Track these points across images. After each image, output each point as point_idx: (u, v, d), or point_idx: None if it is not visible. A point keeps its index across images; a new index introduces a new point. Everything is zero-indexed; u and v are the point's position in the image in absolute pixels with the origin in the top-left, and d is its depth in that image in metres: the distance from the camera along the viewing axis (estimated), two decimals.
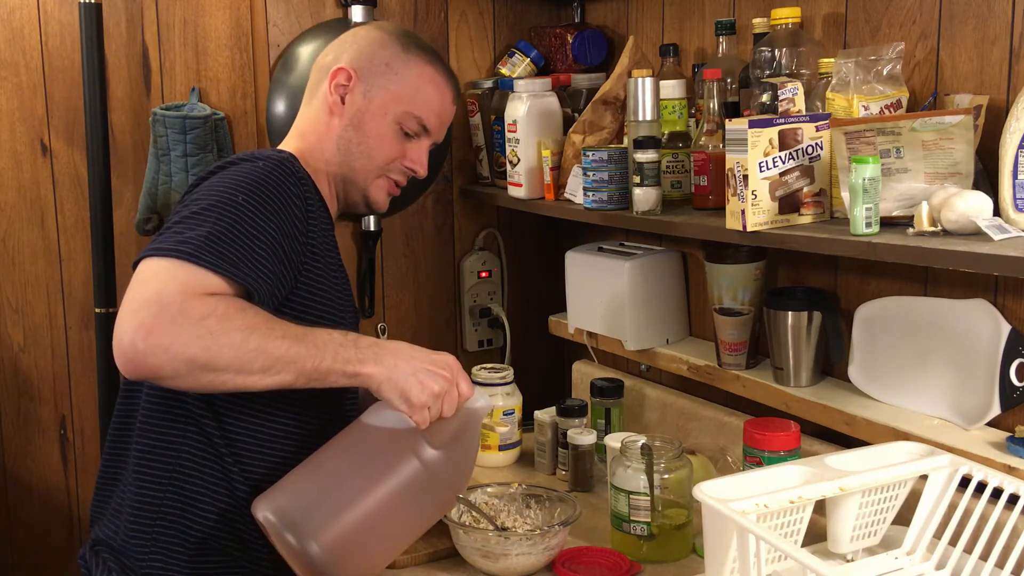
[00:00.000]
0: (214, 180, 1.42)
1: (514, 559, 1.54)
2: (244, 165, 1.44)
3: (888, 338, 1.64)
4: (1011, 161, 1.37)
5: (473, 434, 1.44)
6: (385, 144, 1.60)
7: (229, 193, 1.37)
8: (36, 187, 2.10)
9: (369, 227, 2.28)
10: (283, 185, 1.42)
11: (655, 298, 2.06)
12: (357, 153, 1.59)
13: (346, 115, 1.59)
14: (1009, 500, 1.32)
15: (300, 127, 1.64)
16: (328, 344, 1.33)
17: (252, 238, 1.35)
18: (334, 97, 1.59)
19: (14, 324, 2.13)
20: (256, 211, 1.37)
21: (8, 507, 2.14)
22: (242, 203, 1.36)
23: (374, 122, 1.59)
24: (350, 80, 1.58)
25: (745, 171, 1.53)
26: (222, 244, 1.31)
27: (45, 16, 2.07)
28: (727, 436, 1.90)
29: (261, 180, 1.41)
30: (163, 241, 1.31)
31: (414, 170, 1.64)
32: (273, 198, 1.40)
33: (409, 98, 1.60)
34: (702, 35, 2.03)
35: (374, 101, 1.59)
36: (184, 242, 1.29)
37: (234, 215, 1.35)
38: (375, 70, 1.59)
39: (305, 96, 1.66)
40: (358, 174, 1.60)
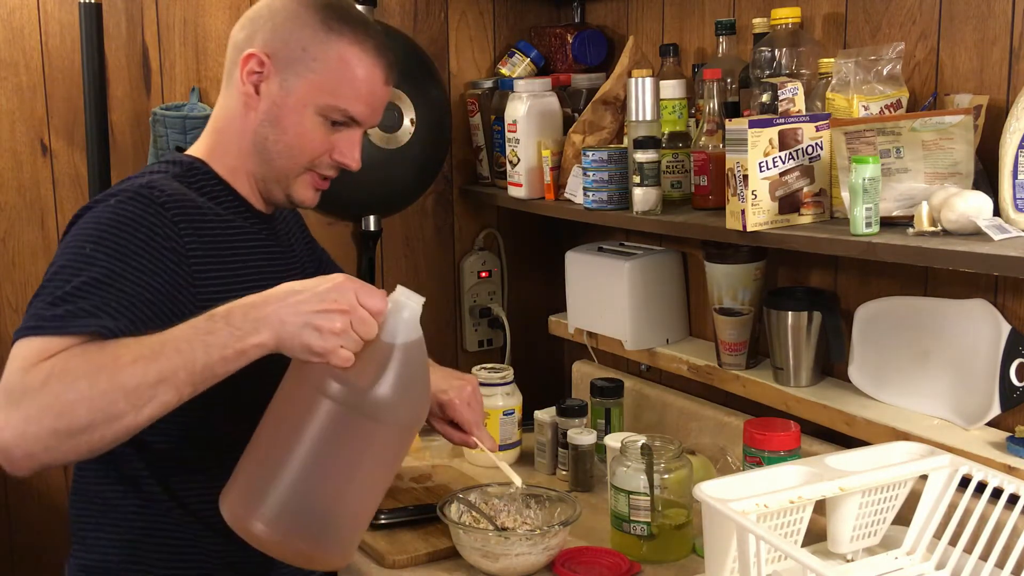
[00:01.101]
0: (68, 235, 1.31)
1: (514, 559, 1.54)
2: (97, 208, 1.31)
3: (888, 338, 1.64)
4: (1011, 161, 1.37)
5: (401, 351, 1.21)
6: (308, 140, 1.42)
7: (76, 247, 1.27)
8: (36, 187, 2.10)
9: (369, 227, 2.28)
10: (139, 220, 1.29)
11: (655, 298, 2.06)
12: (275, 152, 1.42)
13: (261, 108, 1.41)
14: (1009, 500, 1.32)
15: (216, 118, 1.47)
16: (193, 339, 1.16)
17: (103, 287, 1.23)
18: (247, 87, 1.41)
19: (14, 324, 2.12)
20: (106, 258, 1.25)
21: (8, 507, 2.14)
22: (90, 254, 1.25)
23: (294, 116, 1.41)
24: (263, 67, 1.40)
25: (745, 171, 1.53)
26: (67, 303, 1.20)
27: (45, 16, 2.07)
28: (727, 436, 1.89)
29: (111, 223, 1.28)
30: (23, 320, 1.22)
31: (344, 164, 1.46)
32: (125, 238, 1.27)
33: (332, 87, 1.40)
34: (702, 35, 2.03)
35: (292, 92, 1.40)
36: (31, 318, 1.21)
37: (83, 271, 1.23)
38: (291, 55, 1.40)
39: (223, 77, 1.48)
40: (279, 173, 1.44)
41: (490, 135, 2.30)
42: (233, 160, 1.45)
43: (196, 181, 1.42)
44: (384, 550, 1.64)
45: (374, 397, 1.19)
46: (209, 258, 1.36)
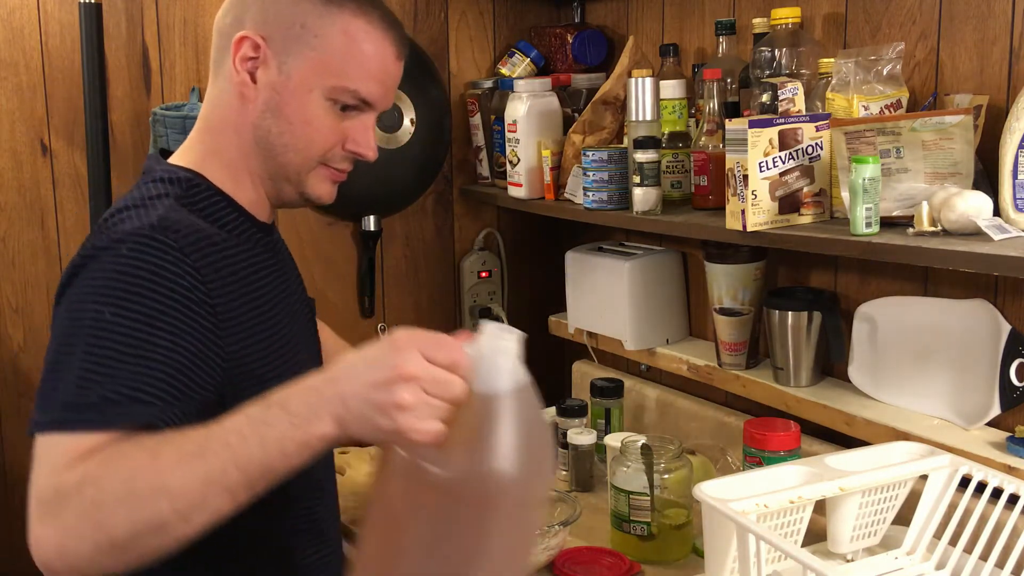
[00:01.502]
0: (75, 293, 1.12)
1: None
2: (104, 259, 1.12)
3: (888, 338, 1.64)
4: (1011, 161, 1.37)
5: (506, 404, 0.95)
6: (316, 129, 1.25)
7: (92, 311, 1.09)
8: (36, 187, 2.10)
9: (369, 227, 2.27)
10: (160, 272, 1.11)
11: (655, 298, 2.05)
12: (281, 146, 1.25)
13: (260, 98, 1.24)
14: (1009, 500, 1.32)
15: (207, 116, 1.30)
16: (246, 431, 0.99)
17: (135, 361, 1.07)
18: (242, 75, 1.24)
19: (14, 324, 2.13)
20: (131, 323, 1.08)
21: (8, 507, 2.14)
22: (112, 320, 1.08)
23: (297, 103, 1.24)
24: (258, 51, 1.23)
25: (745, 171, 1.53)
26: (94, 384, 1.05)
27: (45, 16, 2.07)
28: (727, 436, 1.89)
29: (129, 279, 1.10)
30: (37, 406, 1.08)
31: (360, 153, 1.30)
32: (149, 296, 1.10)
33: (338, 66, 1.23)
34: (702, 35, 2.03)
35: (293, 76, 1.23)
36: (51, 406, 1.06)
37: (107, 341, 1.07)
38: (289, 34, 1.23)
39: (211, 71, 1.30)
40: (287, 170, 1.27)
41: (490, 135, 2.30)
42: (233, 163, 1.28)
43: (198, 202, 1.25)
44: None
45: (481, 468, 0.94)
46: (232, 301, 1.20)
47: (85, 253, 1.14)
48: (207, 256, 1.17)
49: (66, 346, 1.09)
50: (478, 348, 0.97)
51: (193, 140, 1.32)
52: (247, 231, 1.29)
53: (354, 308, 2.33)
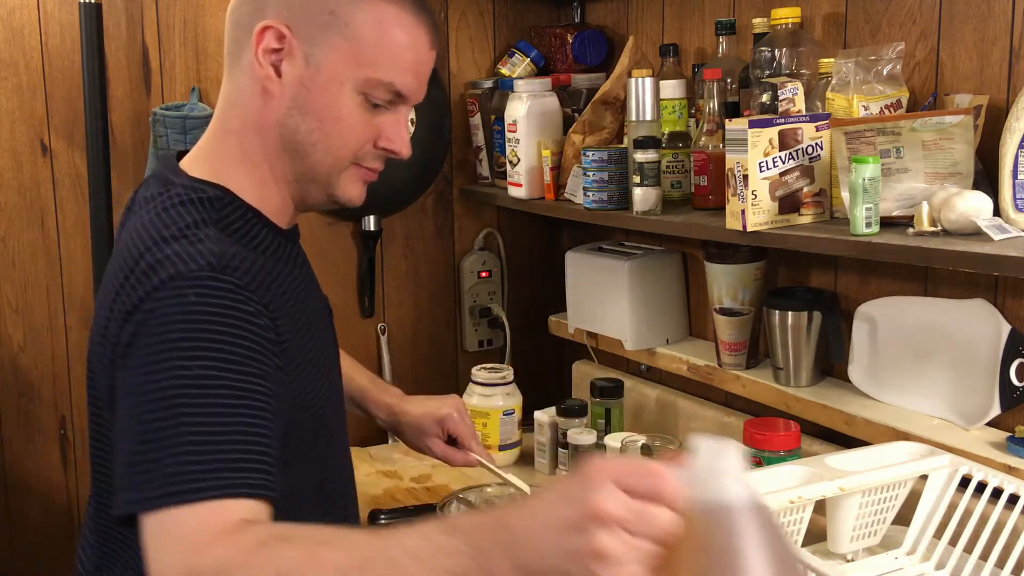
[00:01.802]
0: (144, 349, 1.01)
1: None
2: (168, 308, 1.02)
3: (888, 338, 1.64)
4: (1011, 161, 1.37)
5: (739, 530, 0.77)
6: (347, 126, 1.16)
7: (180, 367, 0.99)
8: (36, 187, 2.10)
9: (369, 227, 2.27)
10: (235, 311, 1.03)
11: (655, 298, 2.05)
12: (310, 145, 1.15)
13: (286, 93, 1.14)
14: (1009, 500, 1.32)
15: (224, 116, 1.18)
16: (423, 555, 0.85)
17: (240, 418, 0.99)
18: (265, 69, 1.13)
19: (14, 324, 2.13)
20: (226, 374, 1.00)
21: (8, 507, 2.14)
22: (202, 374, 0.99)
23: (327, 98, 1.14)
24: (283, 41, 1.12)
25: (745, 171, 1.53)
26: (203, 454, 0.96)
27: (45, 16, 2.07)
28: (727, 436, 1.89)
29: (208, 325, 1.01)
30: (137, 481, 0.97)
31: (394, 151, 1.20)
32: (234, 340, 1.02)
33: (371, 57, 1.14)
34: (702, 35, 2.03)
35: (322, 68, 1.13)
36: (158, 479, 0.96)
37: (204, 399, 0.98)
38: (317, 22, 1.12)
39: (225, 67, 1.19)
40: (317, 171, 1.18)
41: (490, 135, 2.30)
42: (257, 168, 1.17)
43: (232, 223, 1.15)
44: None
45: None
46: (290, 334, 1.13)
47: (136, 300, 1.03)
48: (268, 290, 1.10)
49: (156, 411, 0.98)
50: (693, 469, 0.80)
51: (210, 144, 1.21)
52: (278, 247, 1.21)
53: (354, 308, 2.33)
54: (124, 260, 1.10)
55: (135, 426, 1.00)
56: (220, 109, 1.20)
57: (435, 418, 1.57)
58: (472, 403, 2.01)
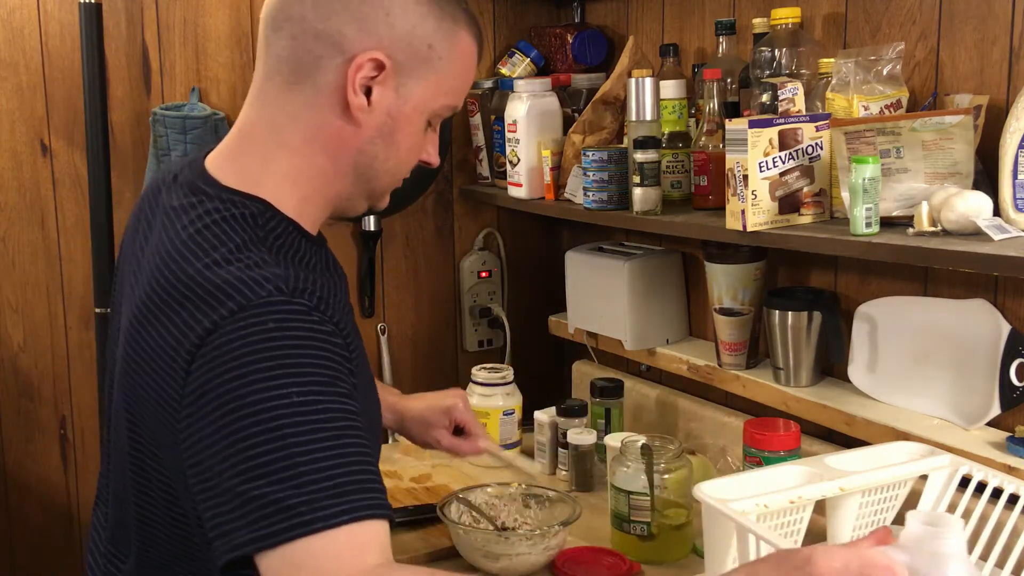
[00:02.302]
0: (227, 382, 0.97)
1: (514, 559, 1.54)
2: (248, 336, 0.97)
3: (888, 338, 1.64)
4: (1011, 161, 1.37)
5: None
6: (416, 151, 1.18)
7: (276, 395, 0.95)
8: (36, 187, 2.10)
9: (369, 227, 2.27)
10: (316, 335, 1.01)
11: (655, 298, 2.05)
12: (382, 171, 1.16)
13: (373, 122, 1.11)
14: (1009, 500, 1.32)
15: (280, 129, 1.12)
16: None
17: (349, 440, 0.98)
18: (359, 98, 1.09)
19: (14, 324, 2.13)
20: (327, 398, 0.98)
21: (8, 507, 2.14)
22: (299, 400, 0.96)
23: (409, 128, 1.14)
24: (381, 71, 1.09)
25: (745, 171, 1.53)
26: (341, 474, 0.95)
27: (45, 16, 2.07)
28: (727, 436, 1.90)
29: (297, 351, 0.98)
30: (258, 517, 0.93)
31: (430, 162, 1.23)
32: (324, 363, 1.00)
33: (451, 88, 1.15)
34: (702, 35, 2.03)
35: (410, 99, 1.12)
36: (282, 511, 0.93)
37: (306, 422, 0.95)
38: (415, 54, 1.11)
39: (279, 74, 1.11)
40: (376, 192, 1.19)
41: (490, 135, 2.30)
42: (313, 187, 1.14)
43: (275, 240, 1.09)
44: None
45: None
46: (355, 348, 1.10)
47: (203, 333, 0.99)
48: (334, 308, 1.06)
49: (259, 444, 0.95)
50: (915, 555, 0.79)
51: (250, 153, 1.14)
52: (318, 258, 1.16)
53: (354, 308, 2.33)
54: (166, 280, 1.05)
55: (238, 464, 0.95)
56: (270, 116, 1.13)
57: (441, 409, 1.59)
58: (472, 403, 2.01)
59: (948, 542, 0.80)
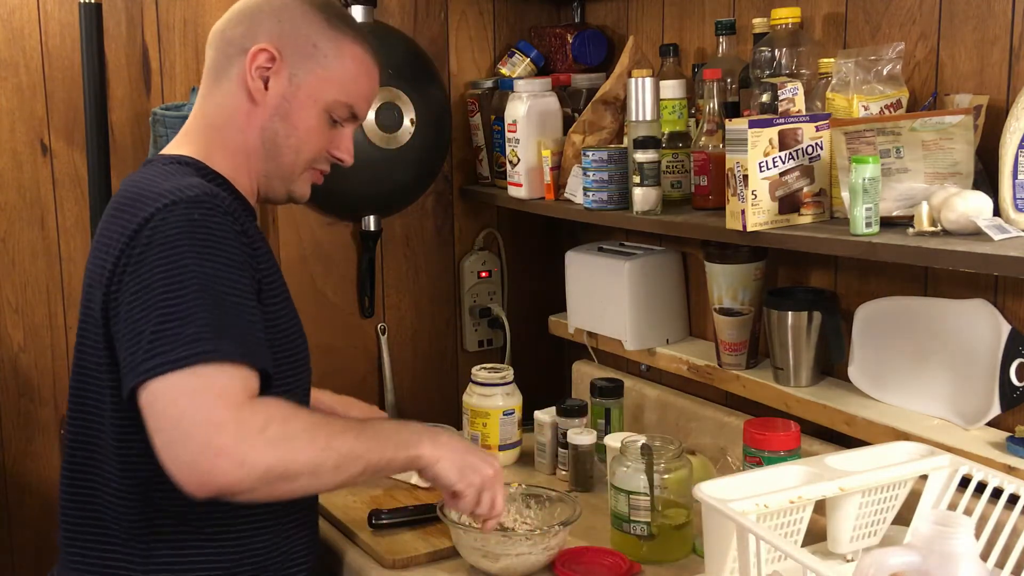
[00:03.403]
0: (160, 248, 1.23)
1: (514, 559, 1.54)
2: (178, 220, 1.24)
3: (888, 338, 1.64)
4: (1011, 161, 1.37)
5: None
6: (314, 136, 1.44)
7: (193, 262, 1.22)
8: (36, 187, 2.10)
9: (369, 227, 2.27)
10: (227, 231, 1.26)
11: (655, 298, 2.05)
12: (285, 147, 1.43)
13: (270, 103, 1.41)
14: (1009, 500, 1.32)
15: (210, 115, 1.44)
16: (385, 432, 1.32)
17: (239, 310, 1.23)
18: (256, 82, 1.40)
19: (14, 324, 2.13)
20: (225, 276, 1.23)
21: (8, 507, 2.14)
22: (210, 272, 1.22)
23: (303, 112, 1.42)
24: (273, 62, 1.40)
25: (745, 171, 1.53)
26: (224, 328, 1.19)
27: (45, 16, 2.07)
28: (727, 436, 1.89)
29: (212, 236, 1.24)
30: (160, 350, 1.16)
31: (341, 159, 1.50)
32: (228, 252, 1.25)
33: (340, 84, 1.43)
34: (702, 35, 2.03)
35: (302, 88, 1.41)
36: (184, 345, 1.16)
37: (213, 289, 1.21)
38: (301, 50, 1.41)
39: (208, 75, 1.45)
40: (284, 169, 1.45)
41: (490, 135, 2.30)
42: (235, 157, 1.43)
43: (208, 180, 1.38)
44: (384, 550, 1.64)
45: None
46: (262, 271, 1.35)
47: (142, 220, 1.24)
48: (249, 234, 1.32)
49: (174, 299, 1.19)
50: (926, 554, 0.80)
51: (191, 135, 1.45)
52: (247, 215, 1.42)
53: (354, 308, 2.33)
54: (117, 209, 1.32)
55: (154, 312, 1.18)
56: (205, 108, 1.45)
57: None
58: (472, 403, 2.01)
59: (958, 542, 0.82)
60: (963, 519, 0.84)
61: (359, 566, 1.65)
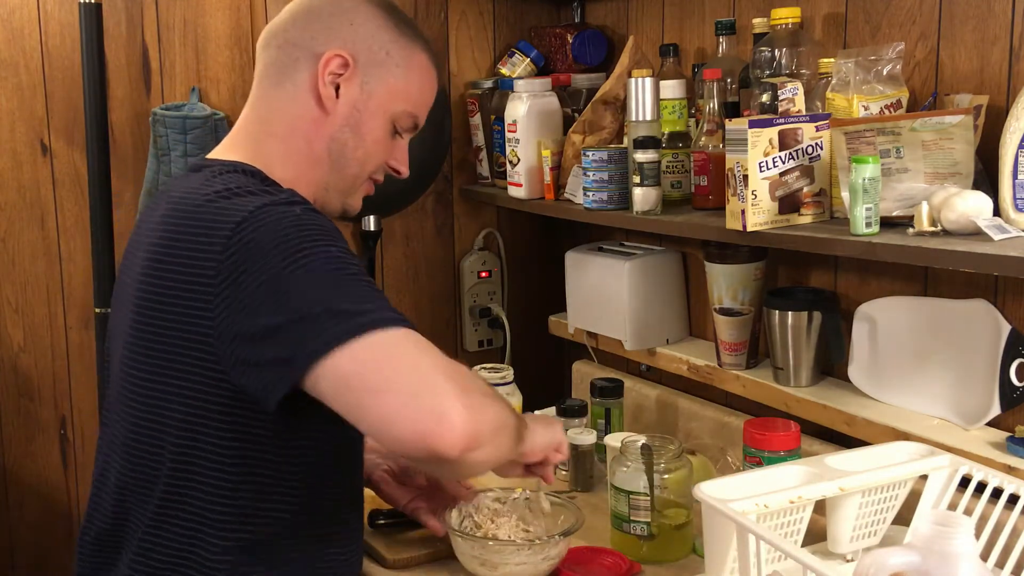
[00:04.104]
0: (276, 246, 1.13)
1: (513, 568, 1.52)
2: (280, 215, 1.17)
3: (888, 338, 1.64)
4: (1011, 161, 1.37)
5: None
6: (380, 147, 1.39)
7: (323, 250, 1.15)
8: (36, 187, 2.10)
9: (369, 227, 2.27)
10: (331, 225, 1.22)
11: (655, 298, 2.05)
12: (352, 159, 1.37)
13: (341, 112, 1.34)
14: (1009, 500, 1.32)
15: (269, 121, 1.35)
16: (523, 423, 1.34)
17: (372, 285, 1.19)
18: (328, 89, 1.32)
19: (14, 324, 2.13)
20: (349, 260, 1.17)
21: (8, 507, 2.14)
22: (337, 255, 1.16)
23: (372, 122, 1.36)
24: (346, 68, 1.33)
25: (745, 171, 1.53)
26: (386, 301, 1.16)
27: (45, 16, 2.07)
28: (727, 436, 1.89)
29: (321, 227, 1.18)
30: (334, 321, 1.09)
31: (399, 170, 1.46)
32: (341, 242, 1.20)
33: (407, 94, 1.38)
34: (702, 35, 2.03)
35: (373, 96, 1.35)
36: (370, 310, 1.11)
37: (354, 269, 1.16)
38: (374, 58, 1.34)
39: (267, 77, 1.36)
40: (347, 182, 1.39)
41: (490, 135, 2.30)
42: (297, 168, 1.34)
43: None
44: (385, 550, 1.64)
45: None
46: None
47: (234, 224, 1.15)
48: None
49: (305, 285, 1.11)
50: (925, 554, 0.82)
51: (245, 141, 1.36)
52: None
53: None
54: (180, 216, 1.22)
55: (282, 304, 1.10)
56: (263, 114, 1.36)
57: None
58: None
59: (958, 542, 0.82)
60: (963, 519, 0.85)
61: None
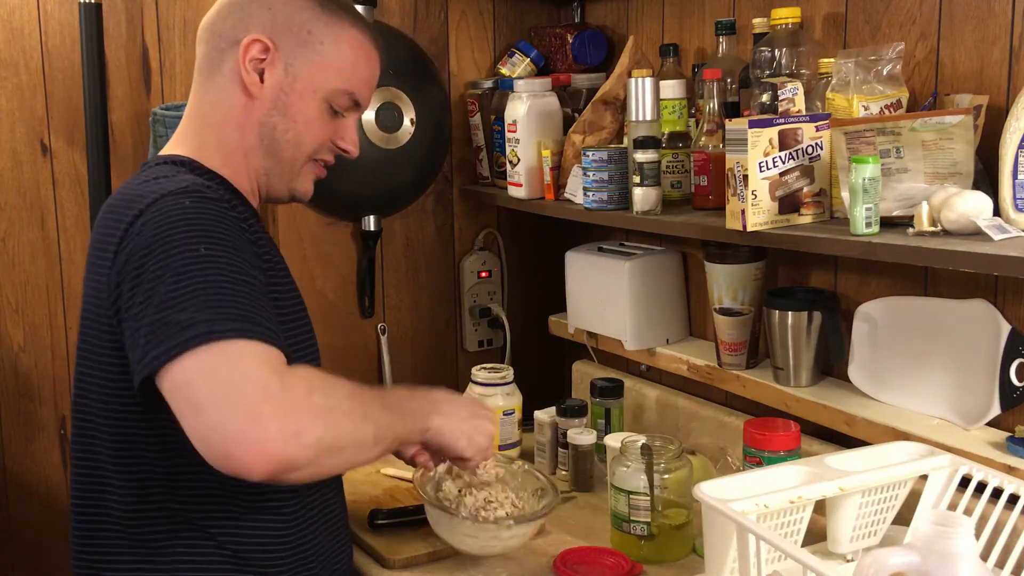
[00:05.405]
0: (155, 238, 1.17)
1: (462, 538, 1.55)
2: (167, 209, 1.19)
3: (888, 338, 1.64)
4: (1011, 161, 1.37)
5: None
6: (315, 128, 1.38)
7: (187, 248, 1.15)
8: (36, 187, 2.10)
9: (369, 227, 2.27)
10: (220, 217, 1.21)
11: (655, 298, 2.05)
12: (284, 142, 1.37)
13: (267, 96, 1.34)
14: (1009, 500, 1.32)
15: (204, 114, 1.37)
16: (403, 403, 1.31)
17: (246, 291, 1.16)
18: (251, 75, 1.33)
19: (14, 324, 2.13)
20: (223, 257, 1.17)
21: (8, 507, 2.14)
22: (206, 254, 1.16)
23: (301, 104, 1.35)
24: (267, 53, 1.33)
25: (745, 171, 1.53)
26: (238, 307, 1.13)
27: (45, 16, 2.07)
28: (727, 436, 1.89)
29: (205, 221, 1.19)
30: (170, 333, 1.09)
31: (347, 150, 1.43)
32: (228, 237, 1.19)
33: (339, 72, 1.37)
34: (702, 35, 2.03)
35: (299, 77, 1.35)
36: (207, 321, 1.10)
37: (215, 271, 1.14)
38: (295, 38, 1.34)
39: (201, 72, 1.38)
40: (284, 165, 1.39)
41: (490, 135, 2.30)
42: (233, 156, 1.37)
43: (205, 179, 1.33)
44: (384, 550, 1.64)
45: None
46: (267, 263, 1.29)
47: (134, 216, 1.20)
48: (248, 223, 1.27)
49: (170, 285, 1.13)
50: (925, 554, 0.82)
51: (186, 136, 1.39)
52: (248, 209, 1.38)
53: (354, 308, 2.33)
54: (110, 213, 1.27)
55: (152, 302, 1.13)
56: (199, 107, 1.39)
57: None
58: None
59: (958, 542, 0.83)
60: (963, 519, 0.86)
61: (359, 566, 1.65)
